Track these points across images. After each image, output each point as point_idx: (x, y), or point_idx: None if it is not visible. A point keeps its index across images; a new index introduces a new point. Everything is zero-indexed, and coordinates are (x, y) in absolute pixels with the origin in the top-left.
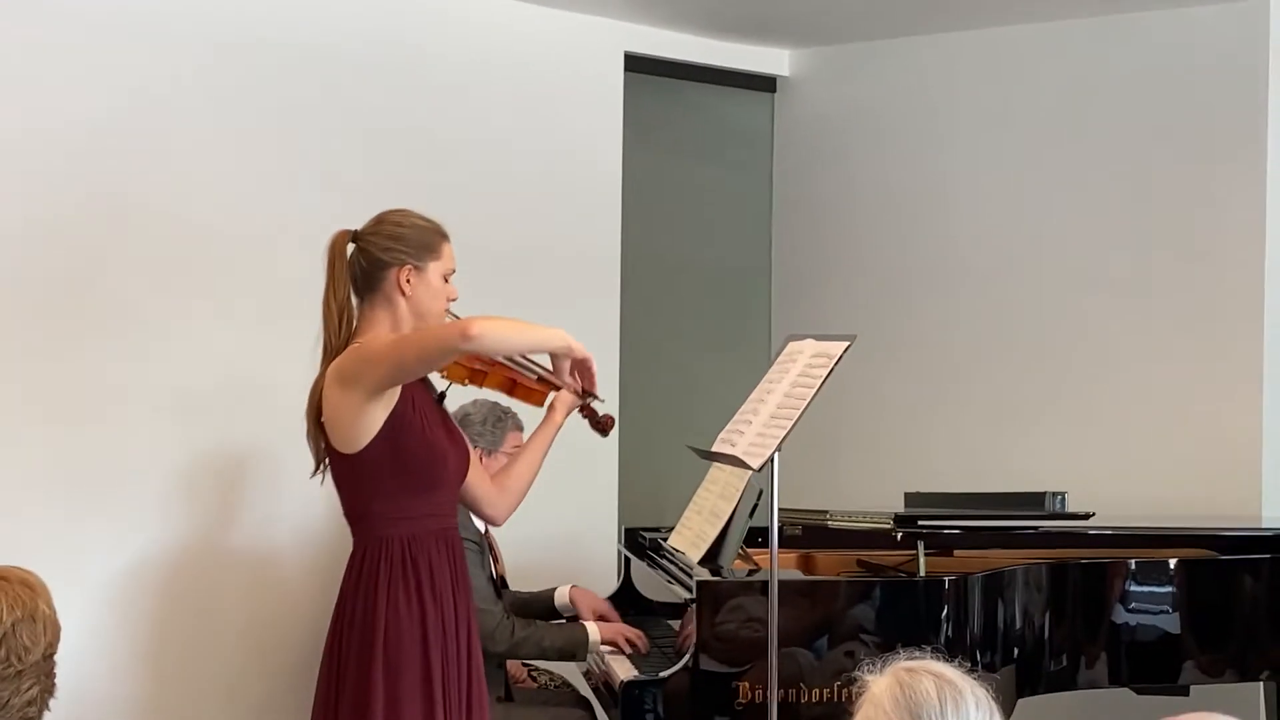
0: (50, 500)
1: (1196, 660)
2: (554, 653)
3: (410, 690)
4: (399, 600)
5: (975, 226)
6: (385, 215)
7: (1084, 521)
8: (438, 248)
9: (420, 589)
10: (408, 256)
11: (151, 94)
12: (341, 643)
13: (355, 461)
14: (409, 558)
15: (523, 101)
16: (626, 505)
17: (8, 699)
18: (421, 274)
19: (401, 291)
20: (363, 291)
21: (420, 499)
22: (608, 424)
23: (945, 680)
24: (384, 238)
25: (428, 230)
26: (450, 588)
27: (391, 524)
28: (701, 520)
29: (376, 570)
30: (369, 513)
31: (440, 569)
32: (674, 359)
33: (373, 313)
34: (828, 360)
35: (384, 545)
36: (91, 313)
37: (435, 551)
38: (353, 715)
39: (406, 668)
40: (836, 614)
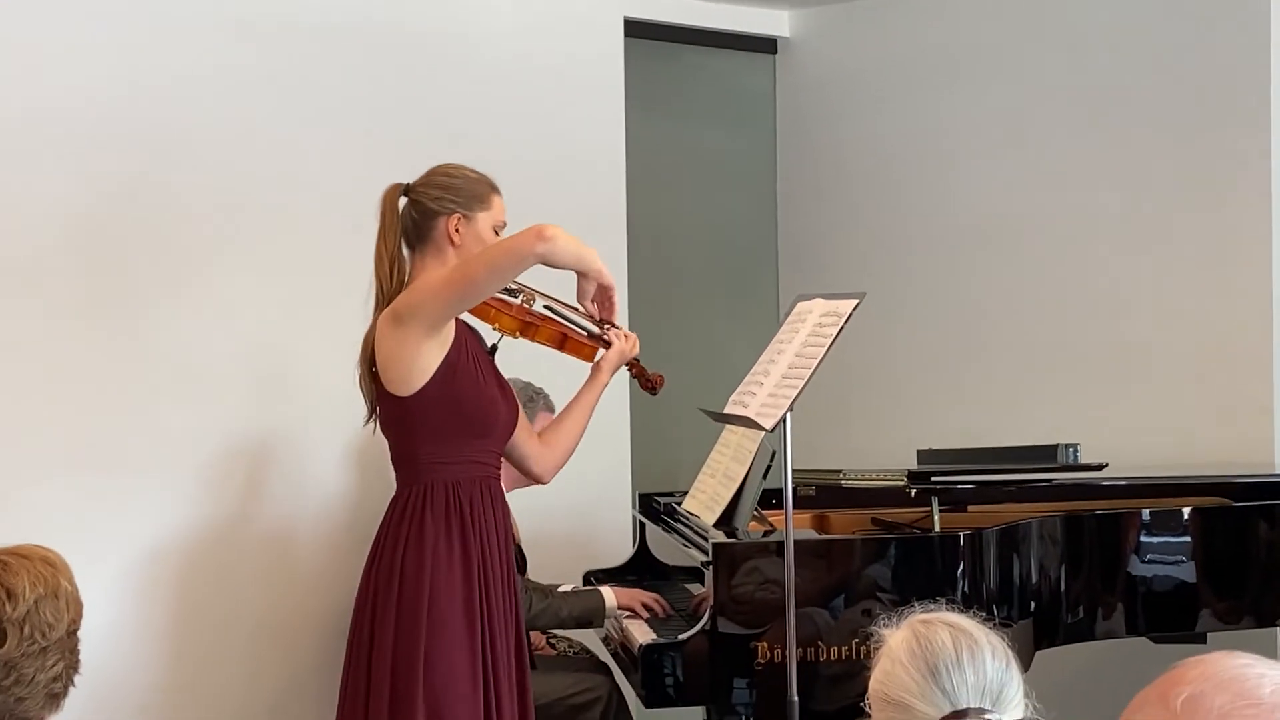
0: (71, 483)
1: (1213, 608)
2: (572, 621)
3: (454, 635)
4: (440, 543)
5: (981, 182)
6: (437, 168)
7: (1097, 473)
8: (488, 199)
9: (464, 532)
10: (457, 206)
11: (170, 74)
12: (377, 589)
13: (408, 403)
14: (453, 501)
15: (523, 70)
16: (640, 471)
17: (33, 674)
18: (471, 223)
19: (451, 240)
20: (414, 242)
21: (469, 444)
22: (657, 381)
23: (961, 630)
24: (435, 188)
25: (478, 181)
26: (495, 532)
27: (438, 468)
28: (715, 483)
29: (422, 513)
30: (417, 455)
31: (484, 513)
32: (683, 323)
33: (423, 262)
34: (837, 319)
35: (429, 490)
36: (112, 295)
37: (479, 496)
38: (395, 659)
39: (450, 613)
40: (853, 572)
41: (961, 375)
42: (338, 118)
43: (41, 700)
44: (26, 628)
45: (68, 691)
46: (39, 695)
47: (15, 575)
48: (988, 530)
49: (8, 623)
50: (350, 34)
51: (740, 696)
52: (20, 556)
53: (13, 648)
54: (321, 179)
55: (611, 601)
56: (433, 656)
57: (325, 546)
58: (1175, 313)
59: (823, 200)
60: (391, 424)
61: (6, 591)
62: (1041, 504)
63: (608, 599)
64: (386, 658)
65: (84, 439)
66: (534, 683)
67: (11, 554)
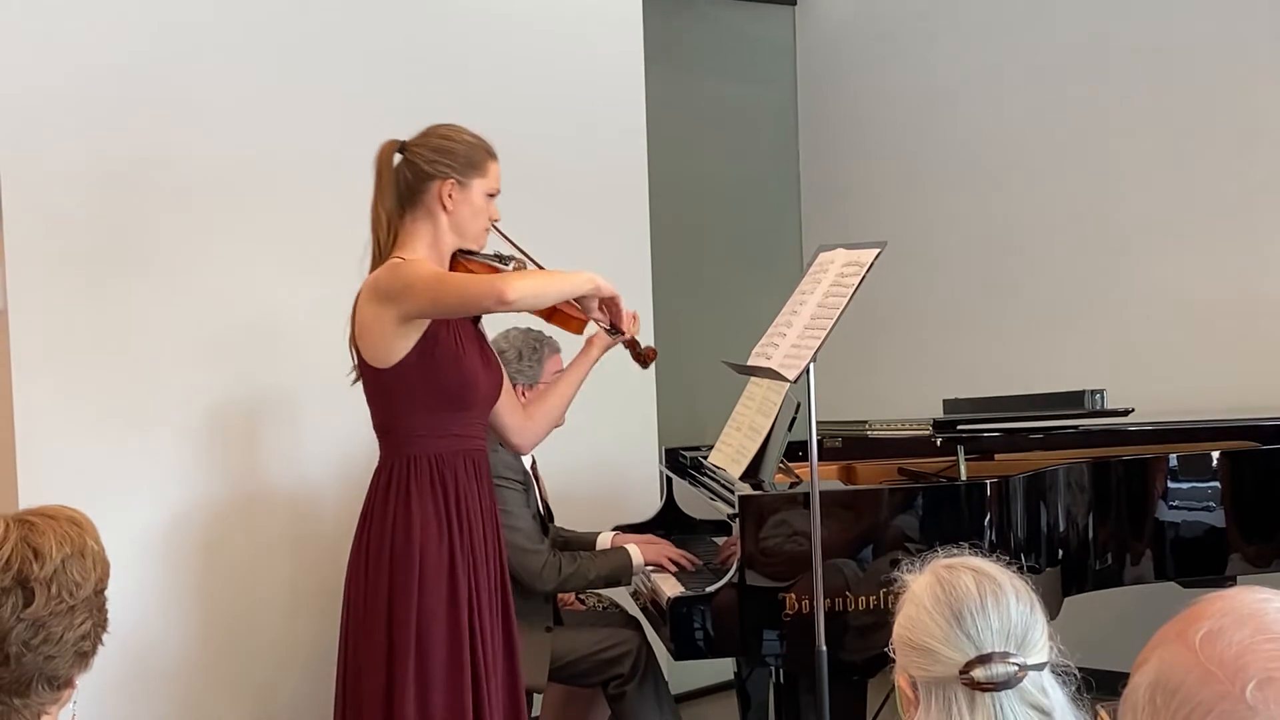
0: (98, 445)
1: (1243, 552)
2: (601, 581)
3: (437, 606)
4: (429, 515)
5: (1003, 130)
6: (435, 128)
7: (1124, 418)
8: (483, 165)
9: (448, 506)
10: (452, 171)
11: (179, 37)
12: (369, 561)
13: (386, 376)
14: (437, 475)
15: (543, 26)
16: (666, 425)
17: (62, 633)
18: (465, 190)
19: (443, 206)
20: (405, 203)
21: (449, 418)
22: (650, 355)
23: (984, 575)
24: (430, 150)
25: (475, 147)
26: (478, 506)
27: (419, 441)
28: (741, 436)
29: (406, 486)
30: (397, 427)
31: (467, 487)
32: (706, 276)
33: (414, 225)
34: (859, 269)
35: (412, 462)
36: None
37: (463, 470)
38: (390, 632)
39: (435, 583)
40: (879, 523)
41: (986, 323)
42: (352, 86)
43: (70, 659)
44: (54, 587)
45: (96, 650)
46: (68, 654)
47: (42, 535)
48: (1014, 478)
49: (35, 582)
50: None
51: (770, 648)
52: (47, 517)
53: (40, 606)
54: (335, 140)
55: (638, 558)
56: (423, 629)
57: (349, 509)
58: (1202, 256)
59: (844, 151)
60: (371, 394)
61: (34, 551)
62: (1069, 451)
63: (634, 556)
64: (381, 631)
65: (111, 402)
66: (563, 638)
67: (38, 514)
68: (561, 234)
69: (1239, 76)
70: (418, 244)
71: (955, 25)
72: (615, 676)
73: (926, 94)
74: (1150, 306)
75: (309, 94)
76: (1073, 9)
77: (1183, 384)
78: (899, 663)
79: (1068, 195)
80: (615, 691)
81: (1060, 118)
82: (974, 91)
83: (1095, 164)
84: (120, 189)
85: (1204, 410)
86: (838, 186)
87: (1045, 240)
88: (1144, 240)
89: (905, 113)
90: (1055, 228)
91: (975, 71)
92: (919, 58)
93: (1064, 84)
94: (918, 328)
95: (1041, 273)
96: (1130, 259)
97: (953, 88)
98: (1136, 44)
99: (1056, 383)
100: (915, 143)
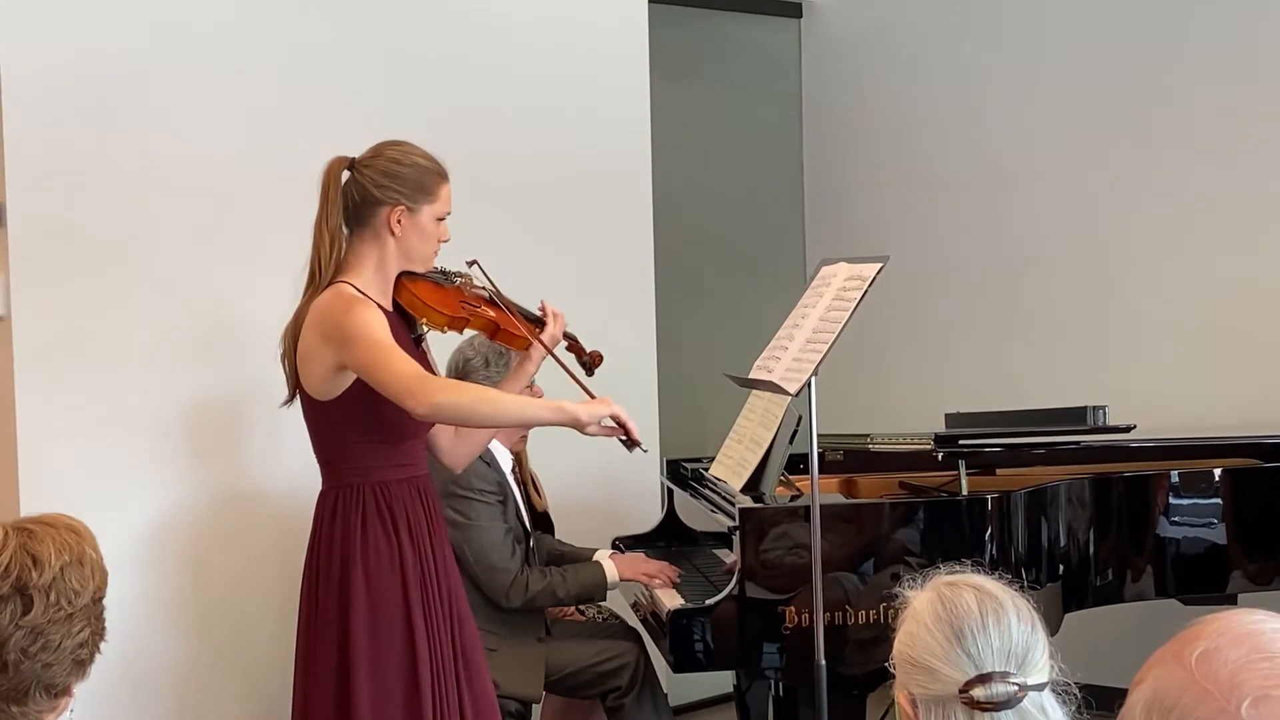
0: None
1: (1244, 569)
2: (571, 599)
3: (391, 637)
4: (379, 541)
5: (1006, 143)
6: (384, 148)
7: (1126, 435)
8: (434, 190)
9: (397, 529)
10: (401, 197)
11: (176, 43)
12: (318, 591)
13: (326, 408)
14: (383, 503)
15: (548, 37)
16: (667, 437)
17: (60, 641)
18: (414, 216)
19: (391, 231)
20: (352, 224)
21: (391, 449)
22: (595, 360)
23: (986, 593)
24: (379, 173)
25: (426, 170)
26: (427, 533)
27: (362, 471)
28: (742, 448)
29: (350, 513)
30: (338, 458)
31: (415, 514)
32: (709, 288)
33: (360, 247)
34: (861, 282)
35: (356, 491)
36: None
37: (409, 498)
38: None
39: (386, 596)
40: (880, 536)
41: (988, 338)
42: (358, 91)
43: (68, 667)
44: (53, 594)
45: (94, 659)
46: (65, 662)
47: (41, 542)
48: (1016, 493)
49: (34, 589)
50: (370, 3)
51: (769, 661)
52: (45, 525)
53: (39, 614)
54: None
55: (613, 574)
56: (374, 658)
57: None
58: (1205, 273)
59: (848, 163)
60: (311, 423)
61: (32, 558)
62: (1070, 466)
63: (608, 572)
64: (331, 658)
65: (112, 407)
66: (562, 650)
67: (37, 522)
68: (566, 244)
69: (1247, 92)
70: (363, 267)
71: (959, 39)
72: (614, 688)
73: (931, 106)
74: (1153, 323)
75: (308, 103)
76: (1077, 24)
77: (1185, 401)
78: (899, 679)
79: (1071, 211)
80: (614, 703)
81: (1064, 131)
82: (978, 105)
83: (1099, 179)
84: (122, 196)
85: (1206, 427)
86: (842, 199)
87: (1048, 255)
88: (1148, 256)
89: (909, 125)
90: (1058, 243)
91: (979, 84)
92: (924, 70)
93: (1068, 98)
94: (920, 342)
95: (1044, 288)
96: (1134, 275)
97: (956, 101)
98: (1142, 60)
99: (1058, 398)
100: (919, 156)
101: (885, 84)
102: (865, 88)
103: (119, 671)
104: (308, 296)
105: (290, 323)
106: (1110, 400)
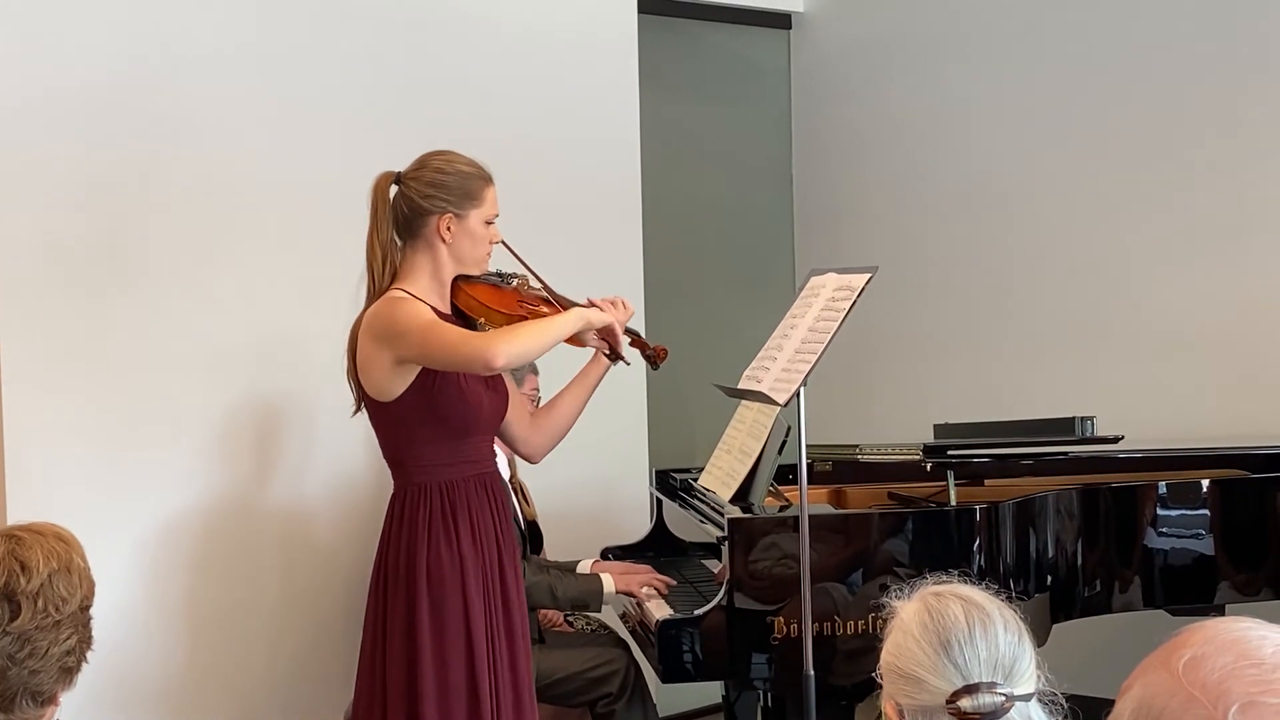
0: (86, 462)
1: (1232, 580)
2: (566, 602)
3: (454, 636)
4: (440, 545)
5: (995, 155)
6: (429, 158)
7: (1114, 445)
8: (480, 194)
9: (459, 533)
10: (449, 205)
11: (179, 49)
12: (386, 587)
13: (390, 409)
14: (448, 503)
15: (537, 48)
16: (656, 447)
17: (47, 648)
18: (462, 222)
19: (442, 239)
20: (404, 235)
21: (456, 445)
22: (659, 354)
23: (973, 604)
24: (425, 184)
25: (471, 176)
26: (493, 530)
27: (429, 470)
28: (731, 459)
29: (416, 515)
30: (406, 458)
31: (481, 512)
32: (699, 299)
33: (414, 256)
34: (850, 293)
35: (423, 491)
36: (129, 275)
37: (474, 495)
38: (401, 660)
39: (450, 613)
40: (869, 547)
41: (977, 348)
42: (349, 100)
43: (55, 674)
44: (40, 601)
45: (80, 666)
46: (52, 669)
47: (29, 550)
48: (1004, 504)
49: (22, 595)
50: (361, 14)
51: (758, 671)
52: (34, 532)
53: (27, 620)
54: (333, 161)
55: (610, 587)
56: (439, 655)
57: (341, 526)
58: (1192, 285)
59: (837, 175)
60: (378, 427)
61: (21, 565)
62: (1058, 477)
63: (606, 585)
64: (396, 648)
65: (101, 416)
66: (552, 657)
67: (26, 530)
68: (555, 255)
69: (1235, 106)
70: (419, 275)
71: (948, 51)
72: (603, 696)
73: (920, 118)
74: (1142, 334)
75: (305, 110)
76: (1065, 36)
77: (1173, 412)
78: (886, 690)
79: (1059, 222)
80: (603, 710)
81: (1054, 144)
82: (967, 117)
83: (1087, 191)
84: (111, 203)
85: (1194, 438)
86: (831, 210)
87: (1037, 266)
88: (1136, 268)
89: (898, 136)
90: (1047, 254)
91: (968, 97)
92: (913, 82)
93: (1058, 110)
94: (909, 352)
95: (1033, 299)
96: (1122, 286)
97: (946, 112)
98: (1133, 72)
99: (1047, 409)
100: (908, 166)
101: (874, 96)
102: (854, 99)
103: (107, 679)
104: (366, 307)
105: (350, 336)
106: (1098, 411)
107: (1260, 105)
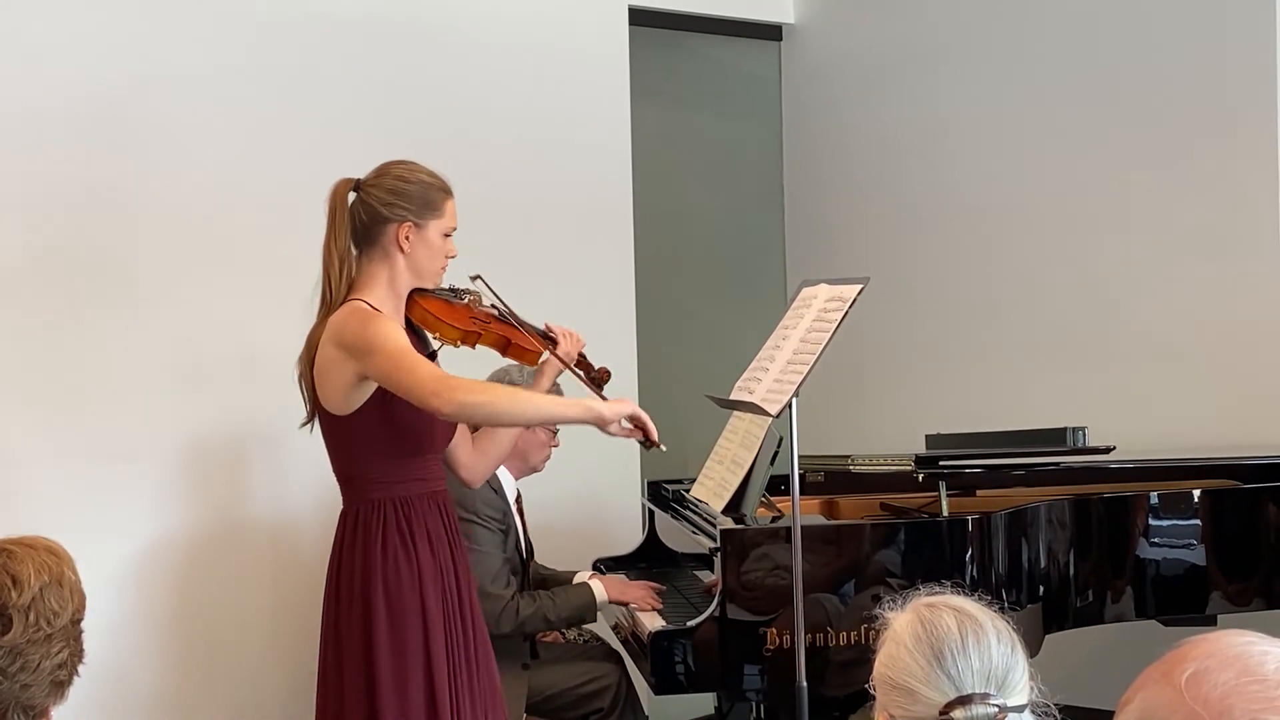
0: (74, 477)
1: (1223, 590)
2: (562, 622)
3: (414, 654)
4: (398, 558)
5: (986, 167)
6: (389, 167)
7: (1105, 456)
8: (440, 205)
9: (417, 546)
10: (408, 213)
11: (156, 67)
12: (339, 609)
13: (345, 423)
14: (404, 518)
15: (528, 58)
16: (648, 458)
17: (38, 661)
18: (421, 232)
19: (400, 248)
20: (361, 243)
21: (410, 463)
22: (603, 376)
23: (966, 614)
24: (385, 191)
25: (431, 186)
26: (448, 547)
27: (382, 486)
28: (723, 470)
29: (370, 530)
30: (357, 474)
31: (436, 529)
32: (690, 310)
33: (370, 266)
34: (842, 303)
35: (376, 507)
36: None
37: (428, 512)
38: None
39: (409, 630)
40: (861, 558)
41: (970, 359)
42: (337, 114)
43: (46, 688)
44: (31, 614)
45: (72, 681)
46: (44, 683)
47: (21, 563)
48: (996, 515)
49: (13, 609)
50: (352, 25)
51: (750, 683)
52: (25, 546)
53: (18, 634)
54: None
55: (601, 595)
56: (399, 667)
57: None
58: (1183, 296)
59: (828, 187)
60: (331, 441)
61: (12, 578)
62: (1050, 488)
63: (597, 593)
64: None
65: (86, 432)
66: (543, 672)
67: (17, 543)
68: (546, 266)
69: (1226, 119)
70: (375, 285)
71: (939, 62)
72: (595, 710)
73: (911, 129)
74: (1133, 344)
75: (292, 124)
76: (1054, 48)
77: (1164, 422)
78: (879, 701)
79: (1051, 233)
80: None
81: (1042, 154)
82: (959, 128)
83: (1077, 202)
84: (93, 218)
85: (1185, 448)
86: (822, 221)
87: (1028, 277)
88: (1127, 278)
89: (890, 148)
90: (1038, 265)
91: (960, 108)
92: (904, 93)
93: (1047, 121)
94: (901, 363)
95: (1024, 309)
96: (1114, 296)
97: (937, 124)
98: (1125, 84)
99: (1039, 419)
100: (900, 178)
101: (865, 107)
102: (845, 110)
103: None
104: (321, 317)
105: (305, 344)
106: (1090, 421)
107: (1248, 115)
